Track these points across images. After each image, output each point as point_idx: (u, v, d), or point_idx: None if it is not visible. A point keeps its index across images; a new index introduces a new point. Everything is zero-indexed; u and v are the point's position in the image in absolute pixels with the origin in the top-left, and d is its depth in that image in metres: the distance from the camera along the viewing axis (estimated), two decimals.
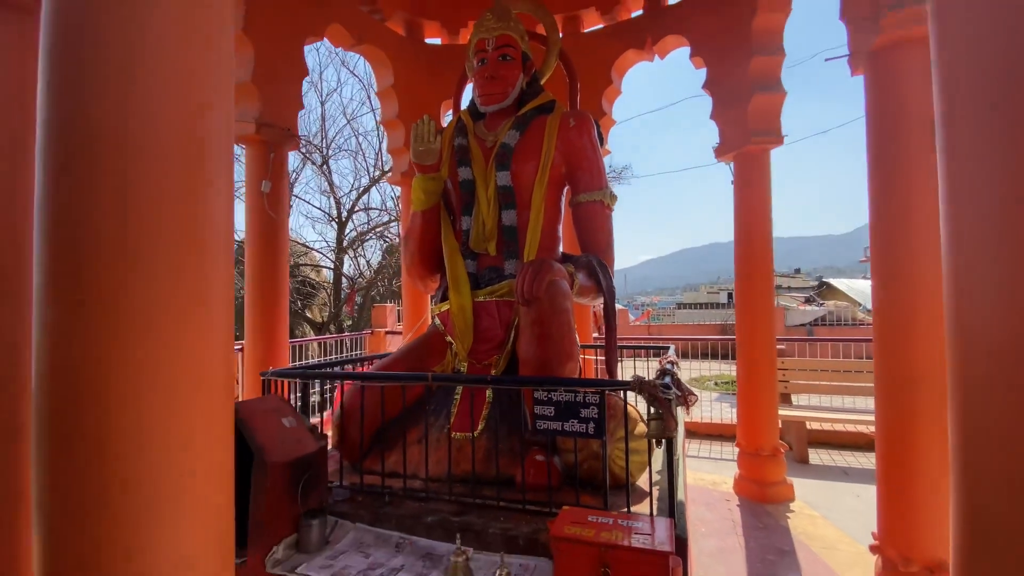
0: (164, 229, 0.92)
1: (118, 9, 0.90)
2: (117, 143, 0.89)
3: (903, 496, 2.05)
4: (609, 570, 1.44)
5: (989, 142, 0.87)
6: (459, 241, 2.89)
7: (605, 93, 4.46)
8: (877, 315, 2.23)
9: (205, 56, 1.00)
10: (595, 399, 1.80)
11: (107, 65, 0.89)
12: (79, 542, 0.86)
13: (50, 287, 0.89)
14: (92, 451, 0.86)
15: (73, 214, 0.88)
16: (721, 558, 2.78)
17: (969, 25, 0.90)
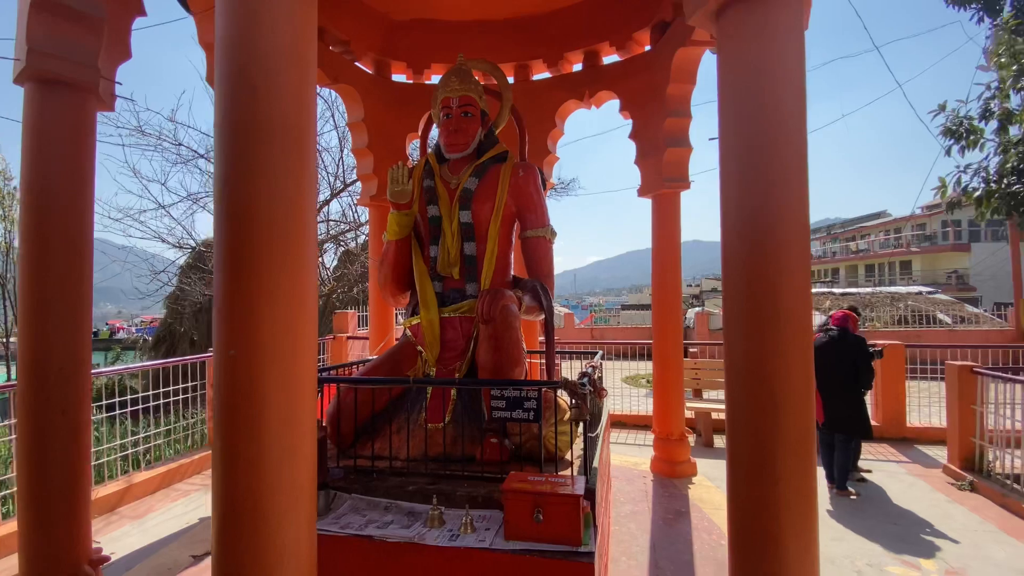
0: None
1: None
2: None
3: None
4: (541, 511, 2.13)
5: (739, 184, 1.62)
6: (428, 266, 3.50)
7: (550, 135, 5.19)
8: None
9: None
10: (535, 394, 2.49)
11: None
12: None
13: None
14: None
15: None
16: (633, 518, 3.57)
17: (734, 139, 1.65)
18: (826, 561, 3.12)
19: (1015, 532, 3.50)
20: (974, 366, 4.48)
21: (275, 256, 1.39)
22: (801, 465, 1.59)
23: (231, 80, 1.42)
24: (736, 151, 1.67)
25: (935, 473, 4.65)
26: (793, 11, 1.59)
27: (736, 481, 1.68)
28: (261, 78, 1.40)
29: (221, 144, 1.43)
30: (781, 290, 1.58)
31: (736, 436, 1.68)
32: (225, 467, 1.40)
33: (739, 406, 1.67)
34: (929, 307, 12.08)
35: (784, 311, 1.58)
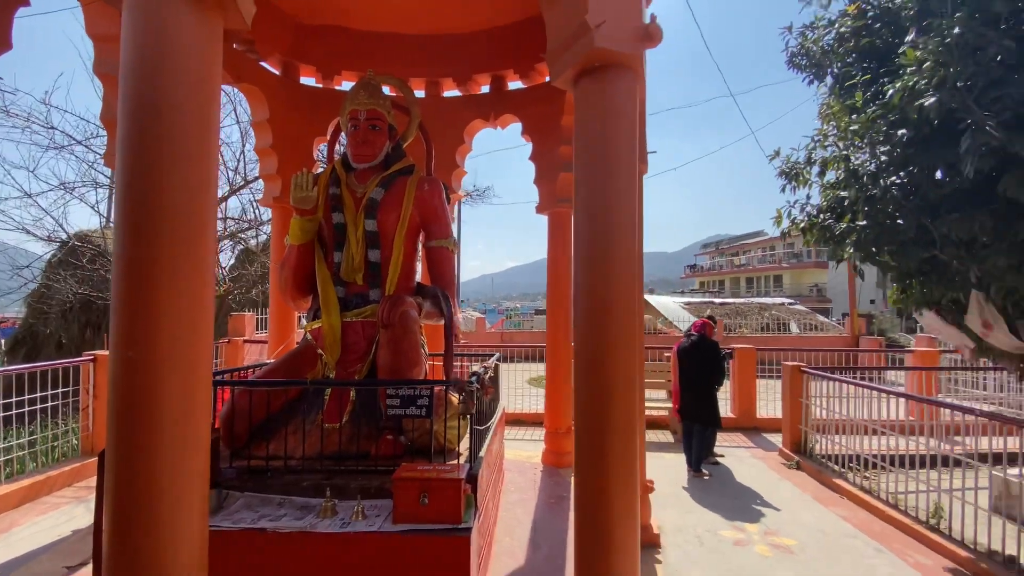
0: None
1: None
2: None
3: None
4: (427, 495, 2.39)
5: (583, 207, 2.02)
6: (331, 271, 3.63)
7: (458, 150, 5.48)
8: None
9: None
10: (427, 392, 2.76)
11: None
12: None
13: None
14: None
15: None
16: (520, 504, 3.94)
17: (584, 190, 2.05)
18: (675, 530, 3.71)
19: (824, 500, 4.35)
20: (802, 366, 5.46)
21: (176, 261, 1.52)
22: (626, 441, 2.00)
23: (135, 93, 1.54)
24: (585, 184, 2.07)
25: (772, 456, 5.57)
26: (627, 82, 2.03)
27: (580, 457, 2.07)
28: (163, 88, 1.53)
29: (124, 147, 1.54)
30: (613, 302, 2.00)
31: (581, 420, 2.07)
32: (119, 467, 1.49)
33: (583, 397, 2.06)
34: (787, 316, 14.09)
35: (615, 319, 2.00)
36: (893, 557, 3.35)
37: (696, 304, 16.21)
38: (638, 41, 1.98)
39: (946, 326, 3.78)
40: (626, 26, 1.95)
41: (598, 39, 1.89)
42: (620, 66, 2.02)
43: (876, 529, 3.77)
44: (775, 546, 3.47)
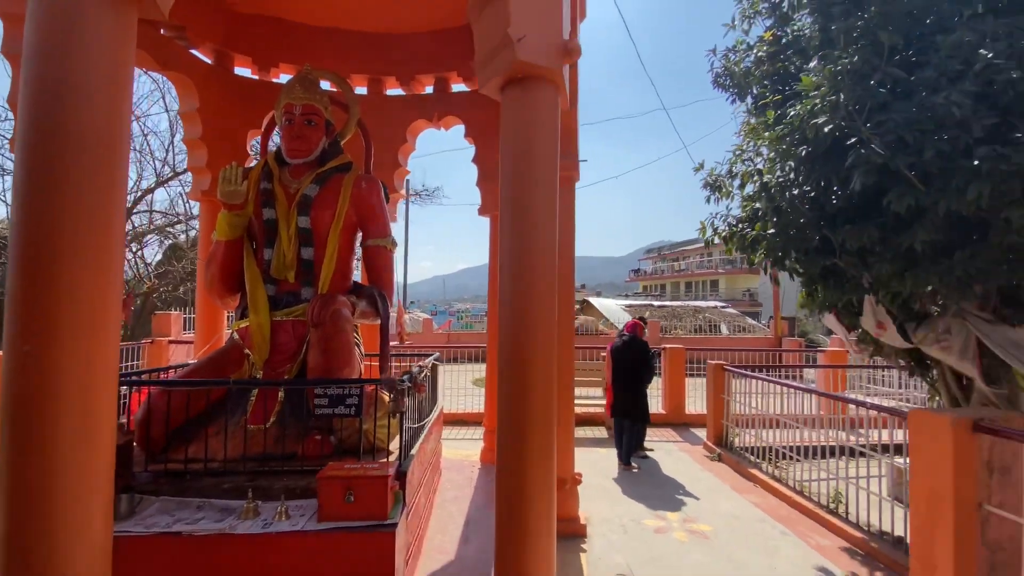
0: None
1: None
2: None
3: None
4: (352, 493, 2.40)
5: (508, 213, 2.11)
6: (261, 268, 3.54)
7: (401, 149, 5.47)
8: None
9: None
10: (357, 391, 2.76)
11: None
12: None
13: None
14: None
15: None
16: (455, 502, 3.99)
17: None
18: (602, 520, 3.88)
19: (740, 489, 4.68)
20: (724, 365, 5.84)
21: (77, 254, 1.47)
22: (544, 436, 2.11)
23: (37, 77, 1.48)
24: (509, 190, 2.16)
25: (697, 449, 5.92)
26: (549, 94, 2.15)
27: (501, 451, 2.16)
28: (68, 73, 1.48)
29: (24, 133, 1.48)
30: (534, 303, 2.11)
31: (502, 416, 2.16)
32: (12, 467, 1.42)
33: (504, 394, 2.15)
34: (718, 319, 14.95)
35: (535, 320, 2.11)
36: (796, 539, 3.67)
37: (636, 306, 16.85)
38: (558, 56, 2.10)
39: (841, 327, 4.18)
40: (546, 41, 2.06)
41: (520, 52, 1.99)
42: (542, 79, 2.13)
43: (783, 514, 4.11)
44: (692, 532, 3.72)
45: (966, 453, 2.41)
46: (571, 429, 3.80)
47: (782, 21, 4.13)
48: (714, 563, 3.28)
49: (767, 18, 4.35)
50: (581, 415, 6.96)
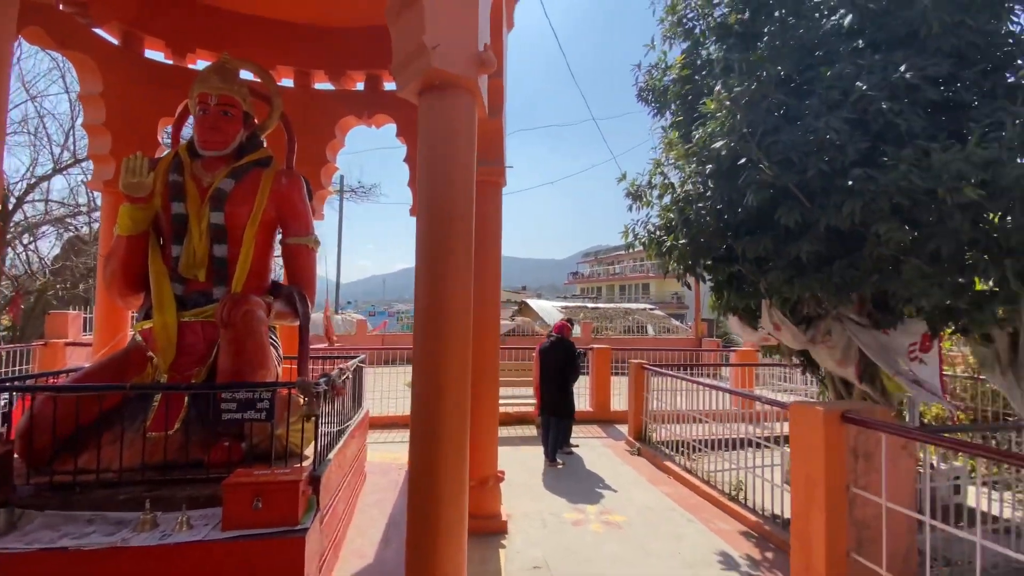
0: None
1: None
2: None
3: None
4: (260, 500, 2.34)
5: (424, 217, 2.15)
6: (168, 266, 3.34)
7: (329, 145, 5.33)
8: None
9: None
10: (268, 395, 2.68)
11: None
12: None
13: None
14: None
15: None
16: (378, 505, 3.96)
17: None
18: (523, 516, 3.99)
19: (655, 481, 4.97)
20: (644, 364, 6.16)
21: None
22: (457, 435, 2.17)
23: None
24: (426, 194, 2.20)
25: (620, 444, 6.21)
26: (465, 102, 2.21)
27: (414, 451, 2.19)
28: None
29: None
30: (449, 305, 2.16)
31: (416, 416, 2.19)
32: None
33: (418, 393, 2.18)
34: (646, 320, 15.73)
35: (451, 321, 2.16)
36: (701, 525, 3.95)
37: (572, 308, 17.34)
38: (474, 66, 2.16)
39: (744, 328, 4.56)
40: (462, 52, 2.12)
41: (435, 60, 2.04)
42: (458, 87, 2.19)
43: (692, 503, 4.41)
44: (607, 523, 3.91)
45: (836, 441, 2.72)
46: (495, 428, 3.87)
47: (695, 45, 4.44)
48: (625, 552, 3.47)
49: (683, 41, 4.65)
50: (513, 414, 7.09)
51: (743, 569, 3.29)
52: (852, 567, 2.70)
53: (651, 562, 3.34)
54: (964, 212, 2.85)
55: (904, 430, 2.64)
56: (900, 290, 3.20)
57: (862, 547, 2.71)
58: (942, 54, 3.13)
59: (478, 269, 3.87)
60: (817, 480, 2.74)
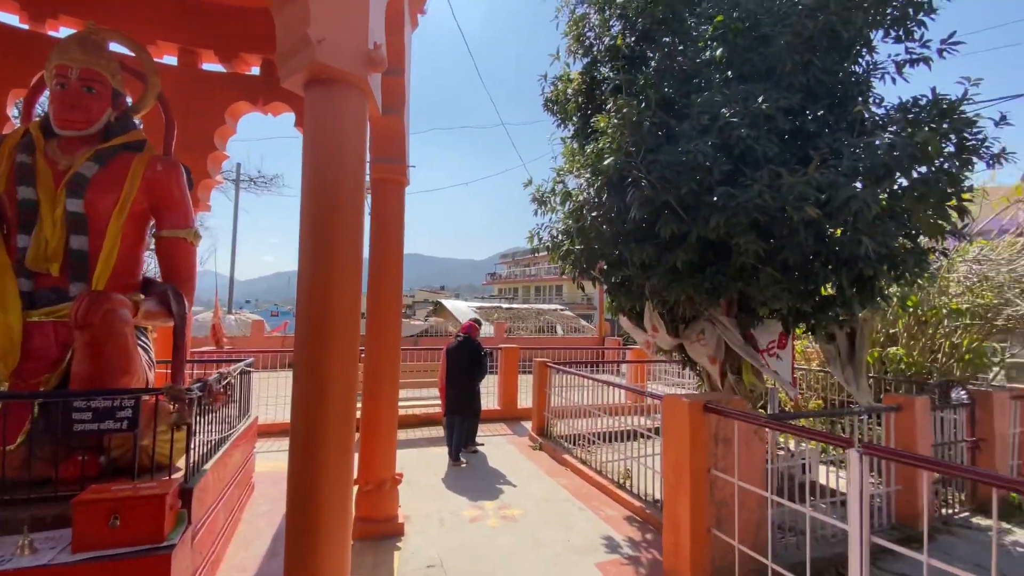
0: None
1: None
2: None
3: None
4: (118, 517, 2.14)
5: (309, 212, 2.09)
6: (12, 258, 2.93)
7: (218, 131, 4.95)
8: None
9: None
10: (131, 403, 2.45)
11: None
12: None
13: None
14: None
15: None
16: (266, 516, 3.76)
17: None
18: (422, 517, 4.00)
19: (553, 474, 5.19)
20: (548, 362, 6.41)
21: None
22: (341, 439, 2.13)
23: None
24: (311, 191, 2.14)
25: (524, 440, 6.41)
26: (355, 99, 2.19)
27: (295, 452, 2.12)
28: None
29: None
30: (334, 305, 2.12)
31: (296, 420, 2.13)
32: None
33: (299, 396, 2.12)
34: (556, 320, 16.34)
35: (336, 322, 2.12)
36: (591, 513, 4.20)
37: (486, 309, 17.52)
38: (363, 64, 2.14)
39: (633, 328, 4.91)
40: (350, 48, 2.10)
41: (320, 54, 2.00)
42: (347, 83, 2.16)
43: (585, 492, 4.67)
44: (504, 517, 4.03)
45: (699, 429, 3.03)
46: (394, 431, 3.84)
47: (593, 63, 4.71)
48: (519, 543, 3.60)
49: (584, 57, 4.91)
50: (420, 416, 7.03)
51: (624, 551, 3.56)
52: (713, 541, 3.03)
53: (541, 551, 3.50)
54: (808, 228, 3.30)
55: (753, 417, 3.00)
56: (758, 294, 3.63)
57: (721, 523, 3.05)
58: (794, 89, 3.61)
59: (378, 269, 3.86)
60: (684, 465, 3.04)
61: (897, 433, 3.83)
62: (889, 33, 3.75)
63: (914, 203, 3.20)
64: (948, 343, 5.53)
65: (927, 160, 3.27)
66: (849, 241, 3.34)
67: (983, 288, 5.36)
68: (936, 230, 3.40)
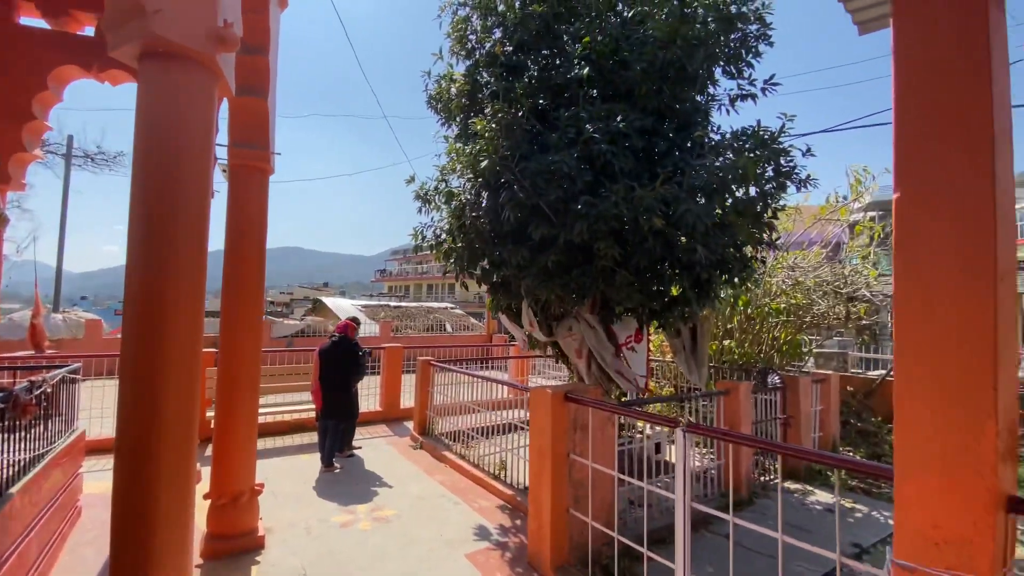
0: None
1: None
2: None
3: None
4: None
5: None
6: None
7: (38, 97, 4.21)
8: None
9: None
10: None
11: None
12: None
13: None
14: None
15: None
16: (94, 544, 3.27)
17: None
18: (287, 527, 3.79)
19: (432, 471, 5.21)
20: (431, 360, 6.42)
21: None
22: (180, 450, 1.96)
23: None
24: (145, 174, 1.94)
25: (404, 441, 6.34)
26: (202, 79, 2.03)
27: (121, 469, 1.91)
28: None
29: None
30: (171, 303, 1.94)
31: (124, 429, 1.91)
32: None
33: (128, 403, 1.91)
34: (446, 319, 16.34)
35: (173, 325, 1.94)
36: (465, 506, 4.30)
37: (373, 307, 16.93)
38: (211, 42, 2.00)
39: (512, 325, 5.13)
40: (194, 22, 1.94)
41: (156, 26, 1.83)
42: (192, 60, 1.99)
43: (462, 487, 4.76)
44: (377, 519, 3.97)
45: (560, 417, 3.27)
46: (253, 440, 3.58)
47: (476, 66, 4.83)
48: (389, 543, 3.57)
49: (467, 59, 5.00)
50: (292, 422, 6.61)
51: (494, 538, 3.71)
52: (571, 521, 3.28)
53: (413, 548, 3.51)
54: (656, 236, 3.72)
55: (604, 405, 3.31)
56: (615, 294, 4.01)
57: (578, 503, 3.31)
58: (648, 112, 4.03)
59: (236, 263, 3.57)
60: (546, 450, 3.25)
61: (726, 413, 4.46)
62: (726, 70, 4.36)
63: (737, 218, 3.75)
64: (771, 336, 6.57)
65: (749, 182, 3.86)
66: (688, 249, 3.82)
67: (795, 291, 6.46)
68: (755, 241, 4.03)
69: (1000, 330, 1.55)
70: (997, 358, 1.53)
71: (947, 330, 1.57)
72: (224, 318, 3.51)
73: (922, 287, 1.64)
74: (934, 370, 1.59)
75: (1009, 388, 1.61)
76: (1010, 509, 1.60)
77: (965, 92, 1.60)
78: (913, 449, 1.63)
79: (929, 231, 1.64)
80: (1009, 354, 1.61)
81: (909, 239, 1.69)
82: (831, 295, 6.52)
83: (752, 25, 4.18)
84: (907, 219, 1.69)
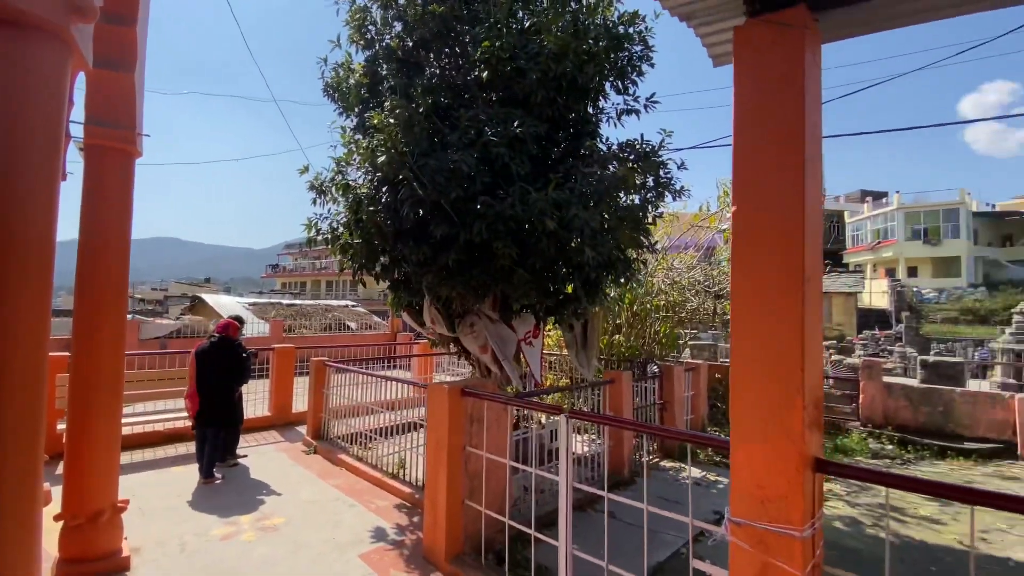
0: None
1: None
2: None
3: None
4: None
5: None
6: None
7: None
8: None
9: None
10: None
11: None
12: None
13: None
14: None
15: None
16: None
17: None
18: (157, 544, 3.47)
19: (326, 475, 5.03)
20: (326, 361, 6.17)
21: None
22: (23, 469, 1.74)
23: None
24: None
25: (296, 446, 6.04)
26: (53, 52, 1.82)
27: None
28: None
29: None
30: (8, 300, 1.72)
31: None
32: None
33: None
34: (347, 317, 15.69)
35: (10, 331, 1.72)
36: (361, 508, 4.23)
37: (262, 305, 15.71)
38: (64, 11, 1.80)
39: (414, 323, 5.12)
40: None
41: None
42: (38, 29, 1.77)
43: (359, 489, 4.67)
44: (263, 528, 3.77)
45: (457, 411, 3.36)
46: (116, 452, 3.23)
47: (376, 57, 4.74)
48: (277, 552, 3.42)
49: (367, 49, 4.89)
50: (166, 432, 5.98)
51: (390, 537, 3.70)
52: (466, 511, 3.38)
53: (302, 554, 3.39)
54: (550, 238, 3.93)
55: (497, 397, 3.46)
56: (513, 292, 4.18)
57: (473, 494, 3.43)
58: (543, 119, 4.25)
59: (92, 255, 3.20)
60: (443, 444, 3.33)
61: (611, 400, 4.85)
62: (615, 85, 4.72)
63: (620, 223, 4.10)
64: (652, 331, 7.22)
65: (631, 190, 4.23)
66: (578, 250, 4.10)
67: (673, 289, 7.18)
68: (635, 244, 4.43)
69: (807, 321, 1.90)
70: (804, 343, 1.88)
71: (768, 320, 1.90)
72: (78, 317, 3.13)
73: (751, 284, 1.97)
74: (758, 353, 1.92)
75: (814, 369, 1.99)
76: (816, 468, 1.98)
77: (784, 125, 1.94)
78: (742, 421, 1.96)
79: (758, 238, 1.97)
80: (814, 341, 1.98)
81: (742, 244, 2.01)
82: (702, 293, 7.34)
83: (636, 46, 4.58)
84: (741, 227, 2.02)
